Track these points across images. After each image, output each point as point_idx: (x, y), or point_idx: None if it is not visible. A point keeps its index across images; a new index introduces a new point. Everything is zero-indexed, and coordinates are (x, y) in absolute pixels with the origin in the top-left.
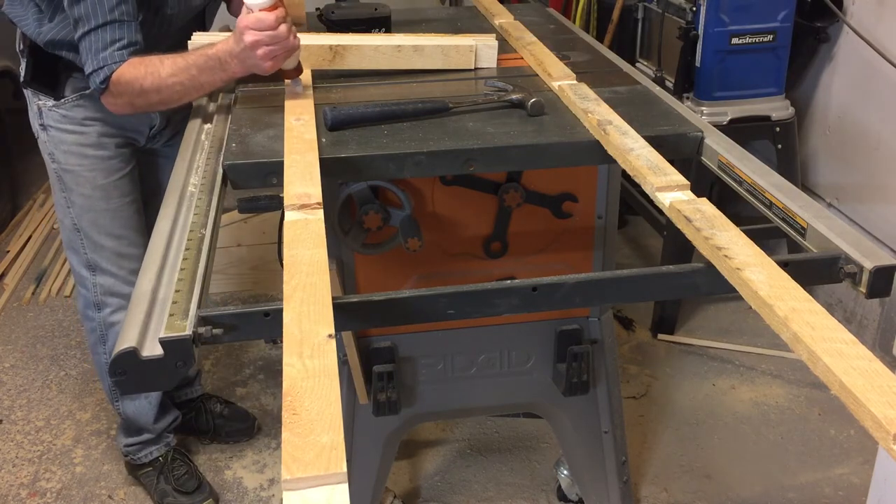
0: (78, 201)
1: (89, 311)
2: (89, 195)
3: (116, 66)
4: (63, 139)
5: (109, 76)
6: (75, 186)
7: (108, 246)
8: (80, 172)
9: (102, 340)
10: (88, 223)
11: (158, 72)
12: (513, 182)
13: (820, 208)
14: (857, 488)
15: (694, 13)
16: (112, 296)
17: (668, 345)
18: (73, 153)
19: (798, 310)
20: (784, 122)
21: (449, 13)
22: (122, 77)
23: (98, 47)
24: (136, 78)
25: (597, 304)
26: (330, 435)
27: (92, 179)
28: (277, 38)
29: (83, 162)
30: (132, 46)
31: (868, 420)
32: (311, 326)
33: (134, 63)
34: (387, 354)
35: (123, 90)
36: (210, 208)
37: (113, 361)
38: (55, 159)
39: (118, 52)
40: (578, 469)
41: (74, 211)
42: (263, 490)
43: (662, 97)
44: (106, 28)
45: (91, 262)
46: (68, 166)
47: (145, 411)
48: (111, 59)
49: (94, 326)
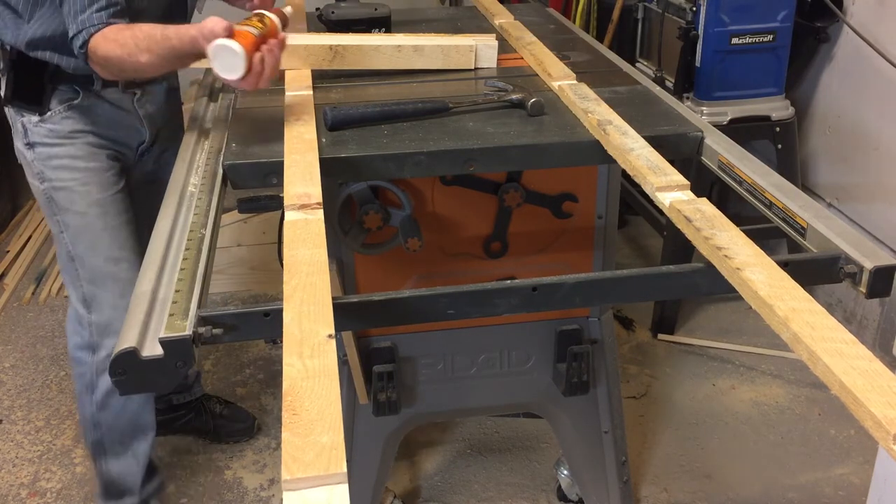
0: (73, 222)
1: (81, 352)
2: (84, 212)
3: (95, 28)
4: (52, 154)
5: (88, 41)
6: (69, 205)
7: (106, 272)
8: (73, 188)
9: (90, 388)
10: (85, 247)
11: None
12: (513, 182)
13: (820, 208)
14: (857, 488)
15: (694, 13)
16: (109, 336)
17: (668, 345)
18: (65, 167)
19: (798, 310)
20: (784, 122)
21: (449, 13)
22: (98, 50)
23: (77, 9)
24: (110, 56)
25: (597, 304)
26: (330, 435)
27: (87, 194)
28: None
29: (76, 176)
30: (112, 7)
31: (868, 420)
32: (311, 326)
33: (108, 38)
34: (387, 354)
35: (101, 63)
36: (210, 208)
37: (113, 361)
38: (45, 178)
39: (96, 14)
40: (578, 469)
41: (69, 235)
42: (263, 490)
43: (662, 97)
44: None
45: (88, 296)
46: (60, 182)
47: (132, 471)
48: (89, 22)
49: (83, 371)
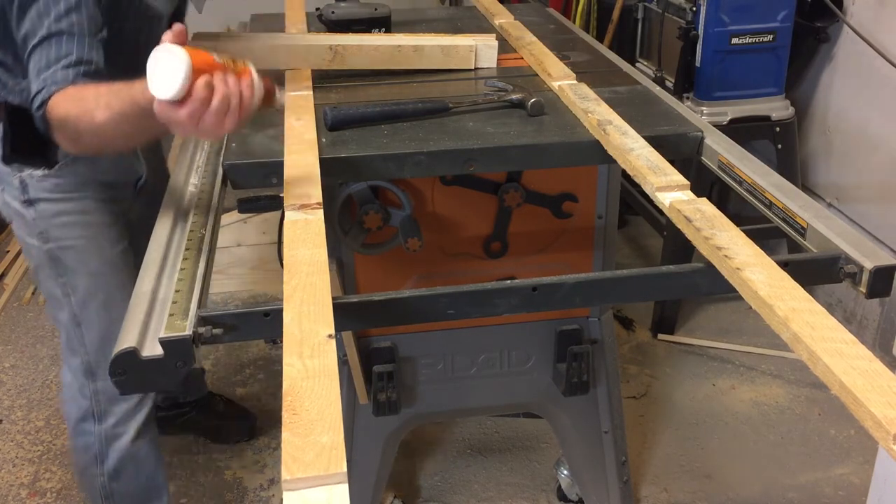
0: (82, 284)
1: (86, 423)
2: (97, 272)
3: (56, 87)
4: (59, 210)
5: (47, 101)
6: (79, 265)
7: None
8: (84, 247)
9: (99, 460)
10: (96, 310)
11: (92, 115)
12: (513, 182)
13: (820, 208)
14: (857, 488)
15: (694, 13)
16: (118, 402)
17: (668, 345)
18: (75, 224)
19: (798, 310)
20: (784, 122)
21: (449, 13)
22: (54, 111)
23: (41, 66)
24: (67, 117)
25: (597, 304)
26: (330, 435)
27: (99, 252)
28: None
29: (87, 233)
30: (82, 66)
31: (868, 420)
32: (311, 326)
33: (67, 96)
34: (387, 354)
35: (59, 127)
36: (210, 208)
37: (113, 361)
38: (48, 238)
39: (62, 72)
40: (578, 469)
41: (76, 299)
42: (263, 490)
43: (662, 97)
44: (51, 41)
45: (94, 364)
46: (68, 242)
47: None
48: (52, 80)
49: (89, 443)
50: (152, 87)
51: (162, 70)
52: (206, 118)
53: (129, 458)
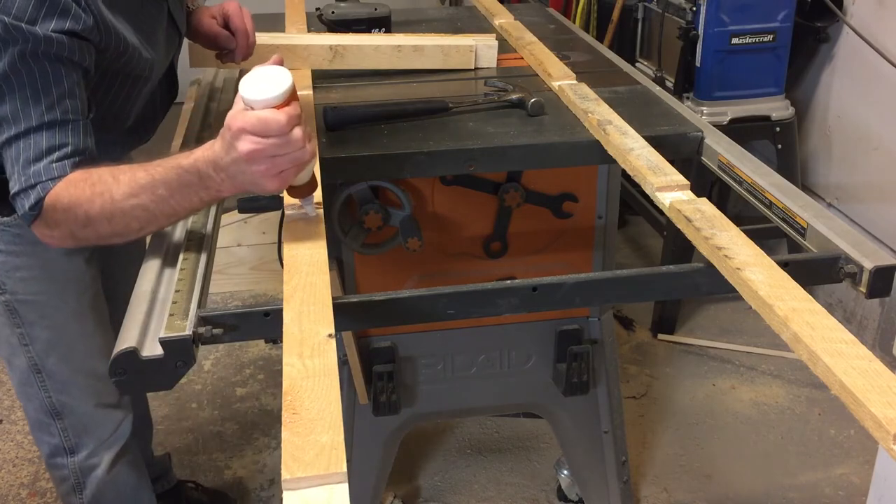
0: (43, 335)
1: (58, 458)
2: (61, 325)
3: (53, 183)
4: (19, 264)
5: (43, 197)
6: (38, 319)
7: (80, 380)
8: (44, 301)
9: (77, 489)
10: (57, 360)
11: (111, 192)
12: (513, 182)
13: (820, 208)
14: (857, 488)
15: (694, 13)
16: (88, 433)
17: (668, 345)
18: (35, 279)
19: (798, 310)
20: (784, 122)
21: (449, 13)
22: (60, 200)
23: (29, 157)
24: (79, 201)
25: (597, 304)
26: (330, 435)
27: (61, 307)
28: (287, 148)
29: (50, 287)
30: (77, 156)
31: (868, 420)
32: (311, 326)
33: (75, 181)
34: (387, 354)
35: (61, 218)
36: (210, 208)
37: (113, 361)
38: (5, 290)
39: (57, 165)
40: (578, 469)
41: (36, 348)
42: (263, 490)
43: (662, 97)
44: (41, 132)
45: (57, 406)
46: (27, 296)
47: None
48: (47, 174)
49: (64, 475)
50: (251, 93)
51: (264, 80)
52: (298, 129)
53: (108, 484)
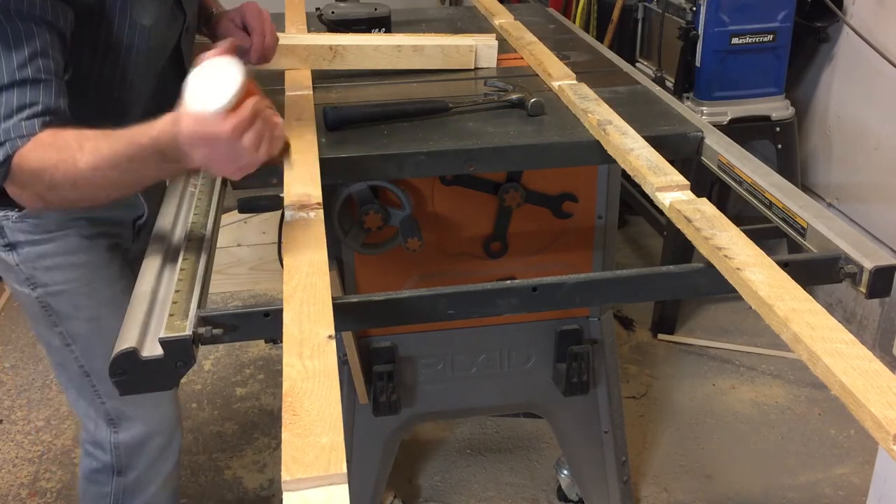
0: (81, 331)
1: (99, 476)
2: (95, 317)
3: (22, 141)
4: (43, 252)
5: (11, 155)
6: (74, 311)
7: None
8: (76, 290)
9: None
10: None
11: (74, 159)
12: (513, 182)
13: (820, 208)
14: (857, 488)
15: (694, 13)
16: (141, 455)
17: (668, 345)
18: (61, 267)
19: (798, 310)
20: (784, 122)
21: (449, 13)
22: (25, 163)
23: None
24: (45, 166)
25: (597, 304)
26: (330, 435)
27: (94, 294)
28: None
29: (76, 274)
30: (48, 115)
31: (868, 420)
32: (311, 327)
33: (43, 142)
34: (387, 354)
35: (27, 180)
36: (210, 208)
37: (113, 361)
38: (36, 284)
39: (26, 123)
40: (578, 469)
41: (79, 347)
42: (263, 490)
43: (662, 97)
44: (13, 89)
45: (114, 413)
46: (58, 286)
47: None
48: (15, 132)
49: (103, 492)
50: (195, 101)
51: (210, 82)
52: (248, 135)
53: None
